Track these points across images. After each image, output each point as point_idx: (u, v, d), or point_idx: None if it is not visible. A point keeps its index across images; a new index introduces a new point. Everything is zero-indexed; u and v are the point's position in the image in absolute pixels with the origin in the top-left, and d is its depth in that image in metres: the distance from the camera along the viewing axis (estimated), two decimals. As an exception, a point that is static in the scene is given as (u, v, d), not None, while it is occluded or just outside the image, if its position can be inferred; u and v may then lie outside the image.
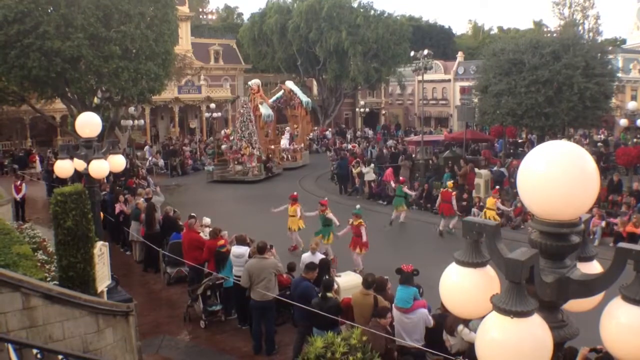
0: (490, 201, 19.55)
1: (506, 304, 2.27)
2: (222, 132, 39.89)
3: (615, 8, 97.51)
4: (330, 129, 52.58)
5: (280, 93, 37.47)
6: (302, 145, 38.31)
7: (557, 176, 2.39)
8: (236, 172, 31.44)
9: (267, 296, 10.30)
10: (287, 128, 36.93)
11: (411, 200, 23.68)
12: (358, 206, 16.42)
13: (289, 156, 36.48)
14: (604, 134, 40.90)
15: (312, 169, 35.40)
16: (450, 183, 20.81)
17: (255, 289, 10.37)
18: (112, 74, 27.91)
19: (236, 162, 31.57)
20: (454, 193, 19.90)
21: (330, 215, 15.75)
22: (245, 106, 31.80)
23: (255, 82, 35.20)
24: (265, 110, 33.90)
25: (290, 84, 38.86)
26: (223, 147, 34.12)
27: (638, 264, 2.34)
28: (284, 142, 36.35)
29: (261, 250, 10.72)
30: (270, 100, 36.00)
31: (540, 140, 27.63)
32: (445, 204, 19.67)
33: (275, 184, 30.31)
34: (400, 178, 23.65)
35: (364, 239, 14.93)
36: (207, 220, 14.94)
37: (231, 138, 33.33)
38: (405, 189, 21.23)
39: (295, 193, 17.70)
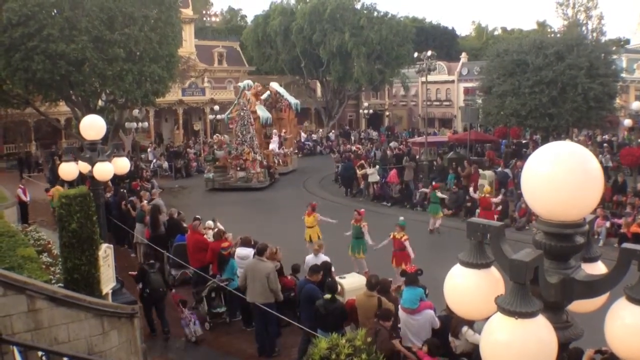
0: None
1: (510, 305, 2.26)
2: (215, 136, 38.07)
3: (619, 8, 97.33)
4: (333, 131, 52.60)
5: (266, 95, 35.29)
6: (292, 149, 36.86)
7: (561, 177, 2.39)
8: (238, 179, 29.93)
9: (268, 298, 10.26)
10: (275, 131, 34.47)
11: (416, 201, 23.65)
12: (402, 218, 14.63)
13: (280, 161, 34.64)
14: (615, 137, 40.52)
15: (306, 173, 34.80)
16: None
17: (251, 291, 10.35)
18: (116, 77, 27.99)
19: (238, 169, 29.93)
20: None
21: (365, 228, 14.61)
22: (245, 109, 30.16)
23: (247, 83, 33.02)
24: (262, 112, 32.22)
25: (275, 85, 36.57)
26: (219, 153, 32.42)
27: (643, 264, 2.34)
28: (273, 146, 33.94)
29: (260, 252, 10.64)
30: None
31: (545, 141, 27.61)
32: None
33: (278, 189, 29.92)
34: (434, 183, 21.88)
35: (411, 253, 13.66)
36: (210, 222, 14.93)
37: (224, 143, 31.85)
38: (439, 194, 20.35)
39: (314, 202, 17.08)
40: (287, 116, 36.31)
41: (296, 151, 43.55)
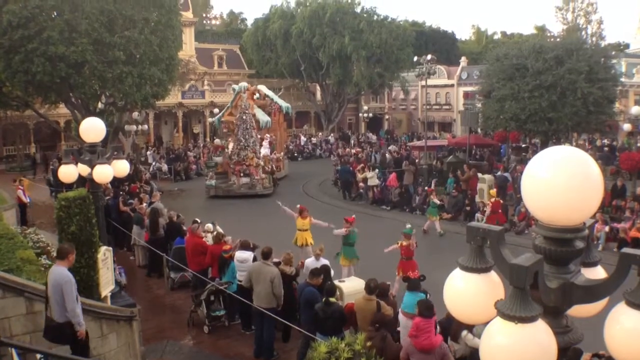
0: None
1: (510, 310, 2.26)
2: (216, 141, 36.83)
3: (619, 12, 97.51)
4: (333, 134, 52.62)
5: (255, 97, 32.97)
6: (282, 154, 36.06)
7: (561, 181, 2.39)
8: (241, 185, 28.55)
9: (270, 303, 10.22)
10: (267, 136, 32.69)
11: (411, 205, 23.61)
12: (409, 225, 14.19)
13: (274, 166, 32.70)
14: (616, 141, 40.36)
15: (304, 177, 34.48)
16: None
17: (255, 294, 10.32)
18: (116, 79, 27.98)
19: (242, 175, 28.65)
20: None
21: (344, 232, 14.12)
22: (247, 112, 28.89)
23: (243, 85, 31.82)
24: (262, 116, 31.13)
25: (263, 88, 34.58)
26: (217, 158, 31.62)
27: (642, 269, 2.34)
28: (264, 151, 31.70)
29: (265, 255, 10.61)
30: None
31: (544, 145, 27.61)
32: None
33: (277, 193, 29.36)
34: (427, 188, 22.76)
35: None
36: (209, 225, 14.92)
37: (229, 147, 31.09)
38: (434, 199, 20.48)
39: (302, 205, 16.65)
40: (276, 120, 35.37)
41: (295, 154, 43.52)
